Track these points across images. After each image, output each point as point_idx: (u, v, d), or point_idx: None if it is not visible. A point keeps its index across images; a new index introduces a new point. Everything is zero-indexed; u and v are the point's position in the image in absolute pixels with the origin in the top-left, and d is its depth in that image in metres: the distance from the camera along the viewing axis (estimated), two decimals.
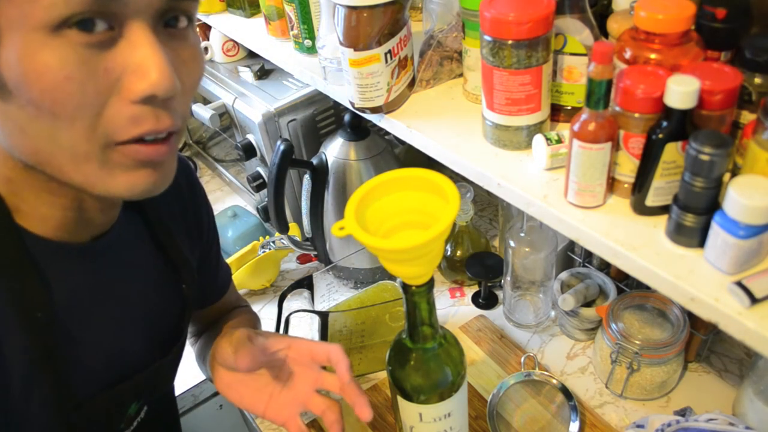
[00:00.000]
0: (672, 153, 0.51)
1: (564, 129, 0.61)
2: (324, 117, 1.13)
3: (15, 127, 0.44)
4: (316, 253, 1.16)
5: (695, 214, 0.50)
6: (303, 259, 1.25)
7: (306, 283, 1.01)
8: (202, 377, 1.05)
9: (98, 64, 0.42)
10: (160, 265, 0.67)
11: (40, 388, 0.53)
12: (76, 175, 0.46)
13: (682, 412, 0.84)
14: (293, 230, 1.15)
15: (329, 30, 0.77)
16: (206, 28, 1.25)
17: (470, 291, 1.14)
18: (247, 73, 1.19)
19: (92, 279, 0.57)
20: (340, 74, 0.76)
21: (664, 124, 0.51)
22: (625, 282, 1.00)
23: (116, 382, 0.60)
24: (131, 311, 0.62)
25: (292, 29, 0.90)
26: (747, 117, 0.54)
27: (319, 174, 1.04)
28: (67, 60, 0.41)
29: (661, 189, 0.54)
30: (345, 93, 0.76)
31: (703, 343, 0.92)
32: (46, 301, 0.52)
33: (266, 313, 1.15)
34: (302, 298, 1.02)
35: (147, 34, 0.43)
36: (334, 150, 1.04)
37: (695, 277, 0.50)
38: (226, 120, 1.19)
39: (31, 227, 0.51)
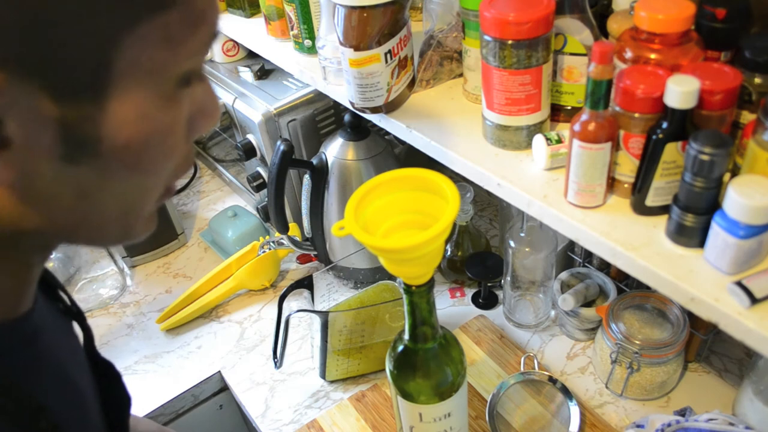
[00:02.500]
0: (672, 153, 0.51)
1: (564, 129, 0.61)
2: (324, 117, 1.13)
3: (68, 193, 0.35)
4: (316, 253, 1.16)
5: (695, 214, 0.50)
6: (303, 259, 1.25)
7: (306, 283, 1.01)
8: (202, 377, 1.05)
9: (185, 110, 0.37)
10: (61, 313, 0.55)
11: None
12: (113, 233, 0.40)
13: (682, 412, 0.84)
14: (293, 230, 1.15)
15: (329, 30, 0.77)
16: None
17: (470, 291, 1.14)
18: (247, 73, 1.19)
19: (53, 348, 0.46)
20: (340, 74, 0.76)
21: (664, 124, 0.51)
22: (625, 282, 1.00)
23: None
24: (81, 365, 0.53)
25: (292, 29, 0.90)
26: (747, 117, 0.54)
27: (319, 174, 1.04)
28: (183, 116, 0.36)
29: (661, 189, 0.54)
30: (345, 93, 0.76)
31: (703, 343, 0.92)
32: (34, 401, 0.40)
33: (266, 313, 1.15)
34: (302, 298, 1.02)
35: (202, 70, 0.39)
36: (334, 150, 1.04)
37: (695, 277, 0.50)
38: (226, 120, 1.19)
39: None
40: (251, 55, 1.25)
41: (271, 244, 1.17)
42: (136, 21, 0.31)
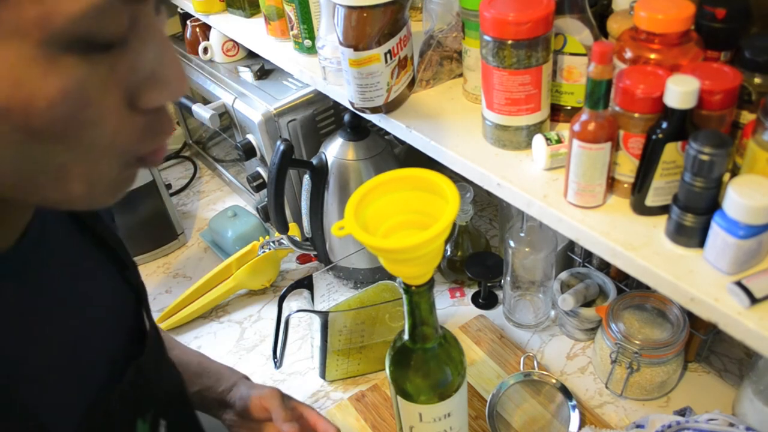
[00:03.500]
0: (672, 153, 0.51)
1: (564, 129, 0.61)
2: (324, 117, 1.13)
3: None
4: (315, 253, 1.16)
5: (695, 214, 0.50)
6: (303, 259, 1.25)
7: (306, 283, 1.01)
8: None
9: (91, 77, 0.33)
10: (94, 251, 0.57)
11: None
12: (53, 196, 0.37)
13: (682, 412, 0.84)
14: (293, 230, 1.15)
15: (329, 30, 0.77)
16: (206, 28, 1.25)
17: (470, 291, 1.14)
18: (246, 73, 1.19)
19: (26, 291, 0.46)
20: (340, 74, 0.76)
21: (664, 124, 0.51)
22: (625, 282, 1.00)
23: (96, 401, 0.51)
24: (80, 315, 0.53)
25: (291, 29, 0.90)
26: (747, 117, 0.54)
27: (319, 174, 1.04)
28: (86, 83, 0.33)
29: (660, 189, 0.54)
30: (345, 93, 0.76)
31: (702, 343, 0.92)
32: None
33: (266, 313, 1.15)
34: (302, 298, 1.02)
35: (157, 26, 0.35)
36: (334, 150, 1.04)
37: (695, 277, 0.50)
38: (226, 120, 1.19)
39: None
40: (251, 55, 1.25)
41: (271, 244, 1.17)
42: None
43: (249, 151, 1.12)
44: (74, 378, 0.51)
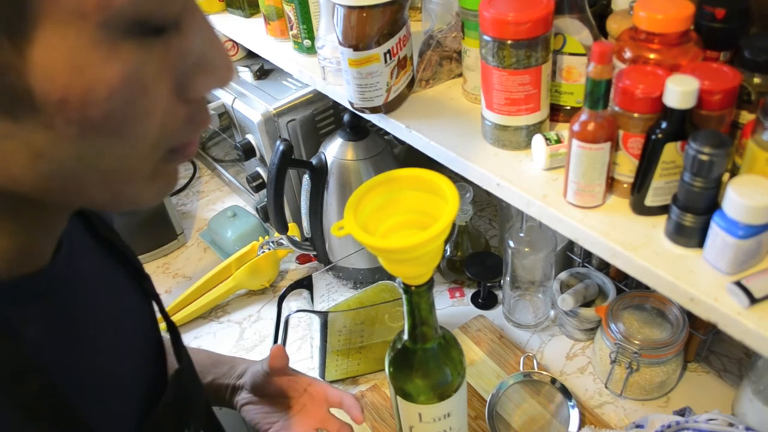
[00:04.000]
0: (671, 153, 0.51)
1: (563, 129, 0.61)
2: (323, 117, 1.13)
3: (25, 152, 0.32)
4: (315, 253, 1.16)
5: (694, 214, 0.50)
6: (302, 259, 1.25)
7: (305, 283, 1.01)
8: None
9: (149, 64, 0.32)
10: (114, 264, 0.56)
11: None
12: (100, 198, 0.37)
13: (682, 412, 0.84)
14: (293, 230, 1.15)
15: (328, 30, 0.77)
16: None
17: (470, 291, 1.14)
18: (246, 73, 1.19)
19: (63, 313, 0.45)
20: (340, 74, 0.76)
21: (664, 124, 0.51)
22: (624, 282, 1.00)
23: (145, 413, 0.51)
24: (116, 329, 0.52)
25: (291, 29, 0.90)
26: (746, 117, 0.54)
27: (319, 174, 1.04)
28: (144, 70, 0.32)
29: (660, 189, 0.54)
30: (344, 93, 0.76)
31: (702, 343, 0.92)
32: (29, 364, 0.39)
33: (266, 313, 1.15)
34: (302, 298, 1.02)
35: (204, 16, 0.34)
36: (334, 150, 1.04)
37: (694, 277, 0.50)
38: (226, 120, 1.19)
39: None
40: (250, 55, 1.25)
41: (271, 244, 1.17)
42: None
43: (248, 151, 1.12)
44: (121, 391, 0.49)
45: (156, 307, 0.62)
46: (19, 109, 0.30)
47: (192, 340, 1.12)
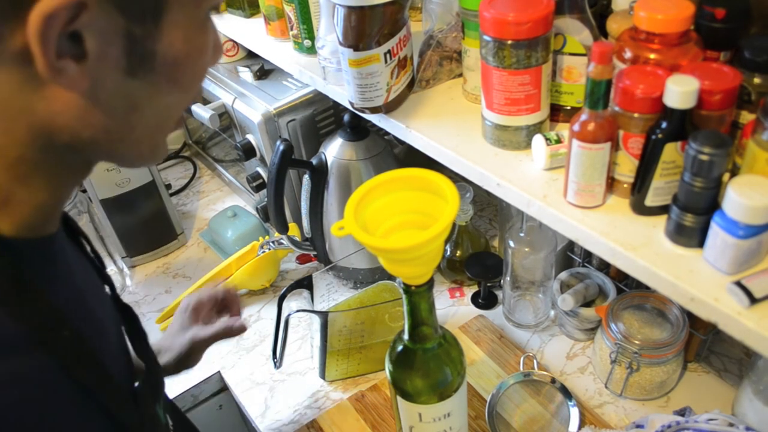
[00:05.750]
0: (671, 153, 0.51)
1: (563, 129, 0.61)
2: (324, 117, 1.13)
3: (124, 104, 0.41)
4: (315, 253, 1.16)
5: (695, 214, 0.50)
6: (302, 259, 1.25)
7: (306, 283, 1.01)
8: (202, 377, 1.05)
9: (211, 38, 0.44)
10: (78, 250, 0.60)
11: (97, 421, 0.46)
12: (146, 148, 0.46)
13: (682, 412, 0.84)
14: (293, 230, 1.15)
15: (329, 30, 0.77)
16: None
17: (470, 291, 1.14)
18: (246, 73, 1.19)
19: (69, 278, 0.50)
20: (340, 74, 0.76)
21: (664, 124, 0.51)
22: (624, 282, 1.00)
23: (132, 382, 0.54)
24: (99, 304, 0.56)
25: (291, 29, 0.90)
26: (746, 117, 0.54)
27: (319, 174, 1.04)
28: (210, 42, 0.44)
29: (660, 189, 0.54)
30: (344, 93, 0.76)
31: (702, 343, 0.93)
32: (61, 314, 0.44)
33: (266, 313, 1.15)
34: (302, 298, 1.02)
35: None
36: (334, 150, 1.04)
37: (695, 277, 0.50)
38: (226, 120, 1.19)
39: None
40: (251, 55, 1.25)
41: (271, 244, 1.17)
42: None
43: (249, 151, 1.12)
44: (118, 355, 0.55)
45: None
46: (141, 69, 0.40)
47: None
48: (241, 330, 0.86)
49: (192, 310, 0.87)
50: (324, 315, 0.91)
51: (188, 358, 0.84)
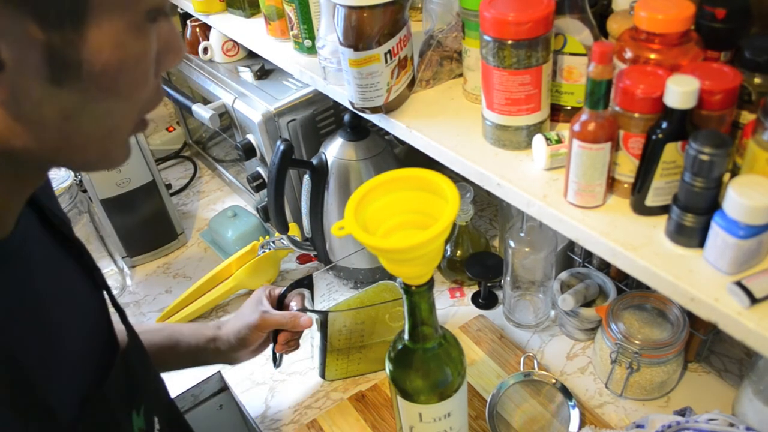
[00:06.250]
0: (672, 153, 0.51)
1: (564, 129, 0.61)
2: (324, 117, 1.13)
3: (53, 113, 0.40)
4: (315, 253, 1.16)
5: (695, 214, 0.50)
6: (303, 259, 1.25)
7: (306, 283, 1.01)
8: (202, 377, 1.05)
9: (153, 43, 0.42)
10: (64, 253, 0.60)
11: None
12: (94, 155, 0.44)
13: (682, 412, 0.84)
14: (293, 230, 1.15)
15: (329, 30, 0.77)
16: (206, 28, 1.25)
17: (470, 291, 1.14)
18: (246, 73, 1.19)
19: (20, 285, 0.49)
20: (340, 74, 0.76)
21: (664, 124, 0.51)
22: (625, 282, 1.00)
23: (92, 388, 0.54)
24: (67, 308, 0.56)
25: (292, 29, 0.90)
26: (747, 117, 0.54)
27: (319, 174, 1.04)
28: (151, 48, 0.41)
29: (660, 189, 0.54)
30: (345, 93, 0.76)
31: (702, 343, 0.92)
32: None
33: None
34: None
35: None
36: (334, 150, 1.04)
37: (695, 277, 0.50)
38: (226, 120, 1.19)
39: None
40: (251, 55, 1.25)
41: (271, 244, 1.17)
42: None
43: (249, 151, 1.12)
44: (72, 365, 0.53)
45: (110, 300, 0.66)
46: (66, 77, 0.38)
47: None
48: (306, 324, 0.87)
49: (269, 296, 0.89)
50: (324, 314, 0.91)
51: (245, 340, 0.85)
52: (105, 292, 0.64)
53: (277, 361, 0.95)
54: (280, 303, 0.94)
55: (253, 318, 0.85)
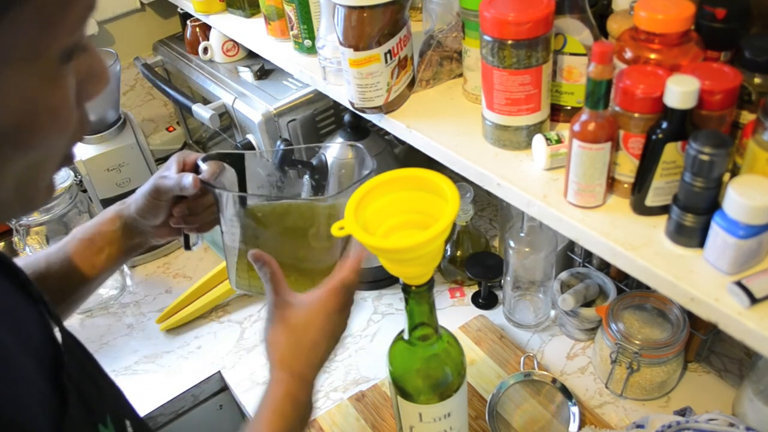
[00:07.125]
0: (672, 153, 0.51)
1: (564, 129, 0.61)
2: (324, 117, 1.13)
3: None
4: None
5: (695, 214, 0.50)
6: None
7: (230, 161, 0.87)
8: (202, 377, 1.05)
9: (71, 85, 0.37)
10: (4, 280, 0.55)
11: None
12: (18, 207, 0.40)
13: (682, 412, 0.84)
14: None
15: (329, 30, 0.77)
16: (206, 28, 1.25)
17: (470, 291, 1.14)
18: (246, 73, 1.19)
19: None
20: (340, 74, 0.76)
21: (664, 124, 0.51)
22: (625, 282, 1.00)
23: (58, 409, 0.49)
24: (11, 328, 0.50)
25: (291, 29, 0.90)
26: (747, 117, 0.54)
27: (319, 174, 1.04)
28: (69, 92, 0.36)
29: (660, 189, 0.54)
30: (345, 93, 0.76)
31: (702, 343, 0.92)
32: None
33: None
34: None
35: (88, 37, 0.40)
36: (334, 150, 1.04)
37: (695, 277, 0.50)
38: (226, 120, 1.19)
39: None
40: (251, 55, 1.25)
41: None
42: (6, 7, 0.31)
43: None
44: (35, 389, 0.48)
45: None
46: None
47: (192, 339, 1.12)
48: (189, 186, 0.75)
49: (182, 162, 0.79)
50: (222, 191, 0.78)
51: (142, 210, 0.76)
52: (41, 305, 0.57)
53: (186, 243, 0.84)
54: (195, 172, 0.81)
55: (149, 183, 0.77)
